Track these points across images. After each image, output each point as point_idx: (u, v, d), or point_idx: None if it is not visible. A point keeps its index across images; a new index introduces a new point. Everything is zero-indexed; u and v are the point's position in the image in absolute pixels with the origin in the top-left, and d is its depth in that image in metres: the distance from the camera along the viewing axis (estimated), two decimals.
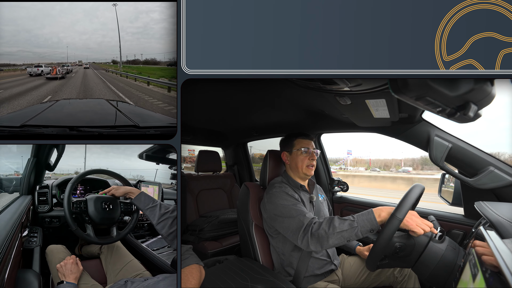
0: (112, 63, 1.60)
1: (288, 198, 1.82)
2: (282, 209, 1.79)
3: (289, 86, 1.80)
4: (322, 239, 1.58)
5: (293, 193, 1.88)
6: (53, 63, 1.59)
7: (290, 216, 1.73)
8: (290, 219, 1.72)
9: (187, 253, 1.58)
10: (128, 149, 2.40)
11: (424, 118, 1.94)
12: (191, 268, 1.51)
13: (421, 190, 1.64)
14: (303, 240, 1.63)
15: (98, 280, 1.83)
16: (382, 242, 1.56)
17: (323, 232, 1.58)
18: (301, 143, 1.97)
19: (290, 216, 1.73)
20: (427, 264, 1.55)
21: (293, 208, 1.76)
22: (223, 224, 2.88)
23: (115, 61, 1.60)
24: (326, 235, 1.57)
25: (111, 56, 1.57)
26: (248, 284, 1.67)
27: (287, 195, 1.84)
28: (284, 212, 1.77)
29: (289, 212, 1.75)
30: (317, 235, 1.59)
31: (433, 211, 2.24)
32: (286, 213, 1.76)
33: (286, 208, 1.77)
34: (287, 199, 1.82)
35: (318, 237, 1.59)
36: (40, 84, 1.62)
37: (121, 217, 2.07)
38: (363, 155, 12.74)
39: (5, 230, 1.45)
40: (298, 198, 1.88)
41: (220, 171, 3.48)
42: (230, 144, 3.73)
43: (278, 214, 1.80)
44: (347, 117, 2.20)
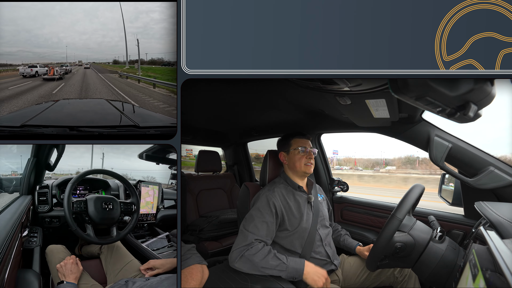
0: (114, 63, 1.59)
1: (265, 209, 1.81)
2: (250, 214, 1.82)
3: (289, 86, 1.80)
4: (250, 263, 1.66)
5: (282, 201, 1.86)
6: (52, 63, 1.58)
7: (245, 228, 1.77)
8: (243, 230, 1.77)
9: (188, 253, 1.57)
10: (128, 149, 2.40)
11: (424, 118, 1.94)
12: (191, 269, 1.50)
13: (421, 190, 1.64)
14: (233, 256, 1.70)
15: (98, 280, 1.83)
16: (382, 242, 1.56)
17: (253, 257, 1.66)
18: (298, 143, 1.96)
19: (245, 227, 1.78)
20: (427, 264, 1.55)
21: (257, 222, 1.77)
22: (223, 224, 2.88)
23: (116, 61, 1.59)
24: (255, 261, 1.65)
25: (111, 56, 1.57)
26: (248, 284, 1.67)
27: (268, 207, 1.82)
28: (247, 219, 1.81)
29: (248, 223, 1.78)
30: (248, 258, 1.67)
31: (433, 211, 2.24)
32: (247, 221, 1.79)
33: (251, 217, 1.80)
34: (264, 210, 1.81)
35: (247, 259, 1.67)
36: (36, 86, 1.60)
37: (121, 217, 2.06)
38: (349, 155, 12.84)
39: (5, 230, 1.45)
40: (293, 201, 1.88)
41: (220, 171, 3.48)
42: (230, 144, 3.73)
43: (246, 218, 1.83)
44: (347, 117, 2.20)
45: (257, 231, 1.75)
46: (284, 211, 1.84)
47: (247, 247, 1.69)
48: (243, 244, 1.71)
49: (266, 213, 1.80)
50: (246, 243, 1.71)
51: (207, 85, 1.85)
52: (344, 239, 2.18)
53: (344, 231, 2.24)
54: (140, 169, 2.64)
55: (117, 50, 1.55)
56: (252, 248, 1.69)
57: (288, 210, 1.85)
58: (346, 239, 2.18)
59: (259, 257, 1.66)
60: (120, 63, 1.60)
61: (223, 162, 3.75)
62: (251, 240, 1.72)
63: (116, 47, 1.54)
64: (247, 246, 1.70)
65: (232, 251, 1.73)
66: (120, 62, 1.60)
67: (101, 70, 1.63)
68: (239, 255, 1.68)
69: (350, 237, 2.22)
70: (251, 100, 2.31)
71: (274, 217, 1.81)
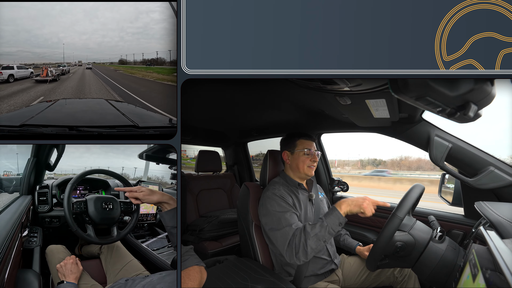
0: (120, 63, 1.58)
1: (280, 203, 1.81)
2: (272, 217, 1.80)
3: (289, 86, 1.80)
4: (303, 248, 1.62)
5: (287, 195, 1.86)
6: (51, 63, 1.57)
7: (278, 229, 1.75)
8: (277, 232, 1.74)
9: (187, 254, 1.56)
10: (128, 149, 2.40)
11: (424, 118, 1.94)
12: (188, 270, 1.50)
13: (421, 190, 1.64)
14: (288, 255, 1.67)
15: (98, 280, 1.83)
16: (382, 242, 1.56)
17: (302, 243, 1.63)
18: (303, 144, 1.96)
19: (278, 228, 1.75)
20: (427, 264, 1.55)
21: (283, 216, 1.76)
22: (223, 224, 2.88)
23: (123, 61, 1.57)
24: (305, 243, 1.62)
25: (111, 56, 1.56)
26: (248, 284, 1.67)
27: (280, 199, 1.82)
28: (274, 221, 1.78)
29: (278, 222, 1.76)
30: (299, 246, 1.63)
31: (433, 211, 2.24)
32: (275, 223, 1.77)
33: (275, 216, 1.78)
34: (280, 204, 1.81)
35: (299, 248, 1.63)
36: (27, 88, 1.48)
37: (121, 217, 2.07)
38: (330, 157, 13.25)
39: (5, 230, 1.45)
40: (294, 199, 1.88)
41: (220, 171, 3.48)
42: (230, 144, 3.73)
43: (268, 223, 1.81)
44: (347, 117, 2.20)
45: (289, 222, 1.73)
46: (292, 205, 1.84)
47: (293, 239, 1.66)
48: (288, 239, 1.68)
49: (284, 204, 1.80)
50: (290, 236, 1.67)
51: (207, 85, 1.85)
52: (344, 239, 2.18)
53: (344, 231, 2.24)
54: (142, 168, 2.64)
55: (117, 50, 1.55)
56: (295, 238, 1.65)
57: (293, 206, 1.85)
58: (346, 239, 2.18)
59: (303, 240, 1.63)
60: (127, 62, 1.57)
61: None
62: (292, 230, 1.69)
63: (116, 47, 1.54)
64: (292, 238, 1.67)
65: (285, 252, 1.68)
66: (127, 62, 1.57)
67: (104, 70, 1.60)
68: (293, 254, 1.64)
69: (350, 237, 2.22)
70: (251, 100, 2.31)
71: (291, 207, 1.82)
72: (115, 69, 1.61)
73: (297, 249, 1.63)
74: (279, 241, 1.72)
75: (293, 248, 1.64)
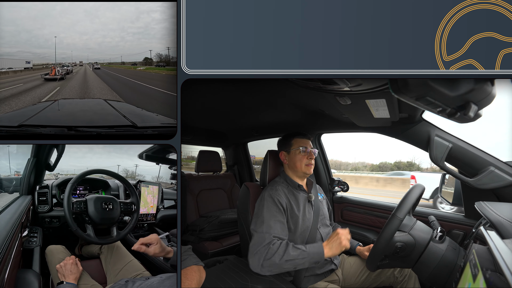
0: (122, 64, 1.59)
1: (270, 208, 1.79)
2: (258, 218, 1.78)
3: (289, 86, 1.80)
4: (273, 262, 1.62)
5: (285, 197, 1.85)
6: (55, 64, 1.57)
7: (257, 231, 1.73)
8: (255, 234, 1.73)
9: (185, 254, 1.56)
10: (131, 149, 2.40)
11: (424, 118, 1.94)
12: (187, 270, 1.50)
13: (421, 190, 1.64)
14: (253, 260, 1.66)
15: (98, 280, 1.83)
16: (382, 242, 1.56)
17: (276, 257, 1.62)
18: (299, 142, 1.96)
19: (257, 230, 1.74)
20: (427, 264, 1.55)
21: (266, 222, 1.74)
22: (223, 224, 2.88)
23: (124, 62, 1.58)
24: (280, 259, 1.62)
25: (112, 56, 1.56)
26: (248, 284, 1.67)
27: (273, 204, 1.81)
28: (257, 223, 1.77)
29: (259, 225, 1.74)
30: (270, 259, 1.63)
31: (433, 211, 2.24)
32: (257, 225, 1.75)
33: (259, 219, 1.77)
34: (270, 209, 1.79)
35: (269, 260, 1.62)
36: (37, 86, 1.57)
37: (121, 217, 2.06)
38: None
39: (5, 230, 1.45)
40: (293, 200, 1.87)
41: (220, 171, 3.48)
42: (230, 144, 3.73)
43: (252, 222, 1.80)
44: (347, 117, 2.20)
45: (272, 230, 1.72)
46: (288, 209, 1.84)
47: (266, 247, 1.65)
48: (262, 244, 1.66)
49: (275, 211, 1.79)
50: (265, 243, 1.66)
51: (207, 85, 1.85)
52: None
53: None
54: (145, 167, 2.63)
55: (117, 50, 1.55)
56: (271, 247, 1.64)
57: (290, 209, 1.85)
58: None
59: (280, 254, 1.62)
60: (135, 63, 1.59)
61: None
62: (270, 239, 1.67)
63: (117, 47, 1.54)
64: (267, 245, 1.65)
65: (252, 256, 1.66)
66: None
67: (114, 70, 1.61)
68: (260, 261, 1.63)
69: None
70: (251, 100, 2.31)
71: (284, 214, 1.81)
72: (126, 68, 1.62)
73: (265, 260, 1.62)
74: (252, 244, 1.71)
75: (262, 257, 1.63)
